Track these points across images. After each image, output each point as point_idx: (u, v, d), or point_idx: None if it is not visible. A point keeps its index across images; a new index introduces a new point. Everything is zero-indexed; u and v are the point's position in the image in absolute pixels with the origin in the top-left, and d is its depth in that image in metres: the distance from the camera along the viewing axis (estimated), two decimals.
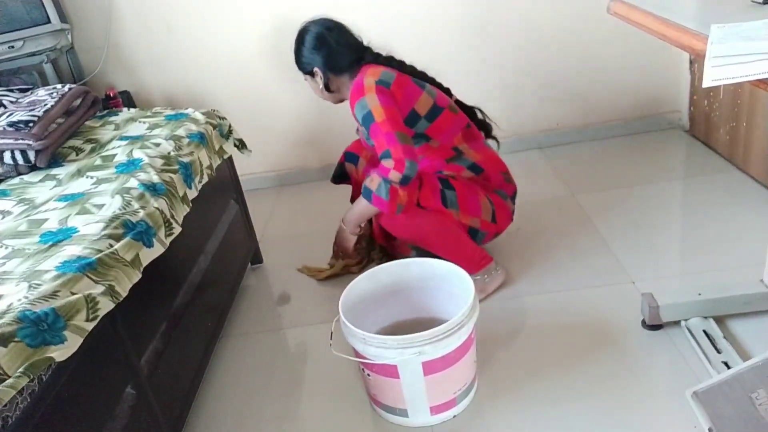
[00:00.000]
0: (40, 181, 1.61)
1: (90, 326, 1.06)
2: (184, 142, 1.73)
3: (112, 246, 1.21)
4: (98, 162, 1.64)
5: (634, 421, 1.38)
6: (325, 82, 1.85)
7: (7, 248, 1.24)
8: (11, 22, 2.44)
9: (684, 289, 1.69)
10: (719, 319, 1.59)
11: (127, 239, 1.25)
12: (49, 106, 1.75)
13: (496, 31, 2.66)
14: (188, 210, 1.56)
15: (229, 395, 1.67)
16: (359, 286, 1.58)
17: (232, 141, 2.02)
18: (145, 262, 1.28)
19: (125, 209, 1.34)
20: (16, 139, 1.62)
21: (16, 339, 0.92)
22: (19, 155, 1.64)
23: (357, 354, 1.42)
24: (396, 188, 1.67)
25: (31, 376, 0.92)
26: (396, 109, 1.72)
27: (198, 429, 1.57)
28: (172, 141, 1.71)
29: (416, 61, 1.90)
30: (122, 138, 1.78)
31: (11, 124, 1.65)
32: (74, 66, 2.64)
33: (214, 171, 1.80)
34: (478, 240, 1.86)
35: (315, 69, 1.84)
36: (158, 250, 1.34)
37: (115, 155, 1.65)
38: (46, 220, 1.34)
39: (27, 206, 1.45)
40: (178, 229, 1.46)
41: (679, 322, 1.60)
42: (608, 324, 1.68)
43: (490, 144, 1.97)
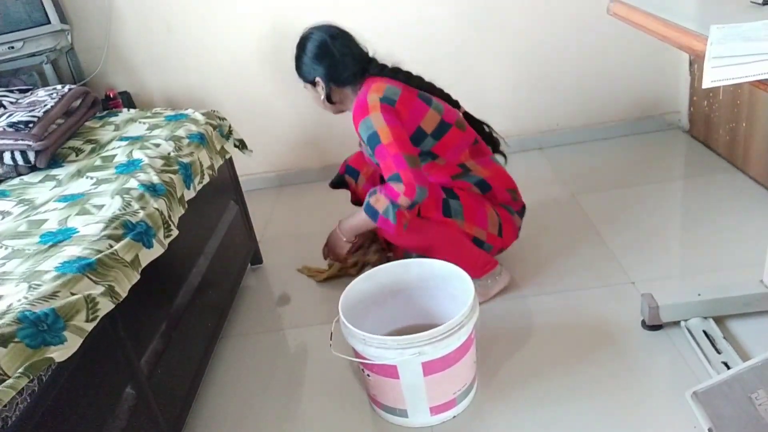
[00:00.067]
0: (40, 181, 1.61)
1: (90, 327, 1.06)
2: (184, 142, 1.73)
3: (111, 246, 1.21)
4: (98, 162, 1.64)
5: (634, 421, 1.38)
6: (327, 92, 1.79)
7: (6, 249, 1.24)
8: (11, 23, 2.44)
9: (684, 289, 1.69)
10: (719, 320, 1.59)
11: (126, 240, 1.25)
12: (49, 106, 1.75)
13: (496, 32, 2.66)
14: (183, 212, 1.55)
15: (229, 395, 1.67)
16: (359, 287, 1.58)
17: (232, 141, 2.02)
18: (145, 262, 1.28)
19: (125, 210, 1.34)
20: (16, 140, 1.62)
21: (16, 339, 0.92)
22: (18, 156, 1.64)
23: (357, 354, 1.42)
24: (403, 212, 1.64)
25: (31, 377, 0.92)
26: (402, 129, 1.67)
27: (198, 429, 1.57)
28: (172, 141, 1.71)
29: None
30: (122, 138, 1.78)
31: (11, 125, 1.65)
32: (74, 66, 2.64)
33: (215, 171, 1.81)
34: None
35: (317, 79, 1.77)
36: (157, 251, 1.34)
37: (115, 156, 1.65)
38: (45, 220, 1.34)
39: (27, 207, 1.45)
40: (175, 232, 1.45)
41: (678, 322, 1.60)
42: (608, 324, 1.68)
43: (498, 159, 1.91)
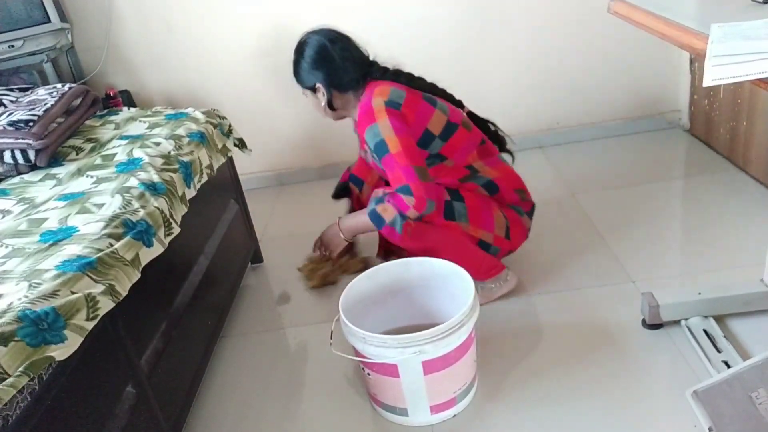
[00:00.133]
0: (40, 180, 1.61)
1: (90, 325, 1.06)
2: (184, 141, 1.73)
3: (112, 245, 1.21)
4: (98, 161, 1.64)
5: (634, 420, 1.38)
6: (329, 98, 1.76)
7: (7, 247, 1.24)
8: (11, 22, 2.44)
9: (684, 288, 1.69)
10: (719, 319, 1.59)
11: (127, 239, 1.25)
12: (49, 105, 1.75)
13: (496, 31, 2.66)
14: (185, 210, 1.55)
15: (229, 395, 1.67)
16: (359, 286, 1.58)
17: (232, 140, 2.02)
18: (145, 261, 1.28)
19: (125, 208, 1.34)
20: (16, 139, 1.62)
21: (16, 338, 0.92)
22: (19, 154, 1.64)
23: (357, 353, 1.42)
24: (410, 222, 1.64)
25: (31, 376, 0.92)
26: (411, 137, 1.65)
27: (198, 429, 1.57)
28: (172, 140, 1.71)
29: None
30: (122, 137, 1.78)
31: (11, 124, 1.65)
32: (74, 65, 2.64)
33: (214, 170, 1.80)
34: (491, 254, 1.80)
35: (317, 85, 1.74)
36: (158, 249, 1.34)
37: (115, 154, 1.65)
38: (46, 219, 1.34)
39: (27, 205, 1.45)
40: (177, 230, 1.45)
41: (679, 321, 1.60)
42: (608, 323, 1.68)
43: (505, 159, 1.89)
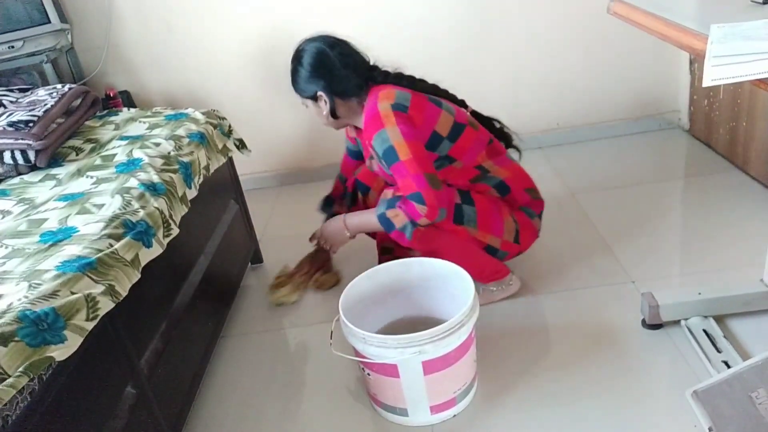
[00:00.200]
0: (40, 180, 1.61)
1: (90, 326, 1.06)
2: (184, 141, 1.73)
3: (112, 246, 1.21)
4: (98, 162, 1.64)
5: (634, 420, 1.38)
6: (332, 106, 1.70)
7: (7, 248, 1.24)
8: (11, 22, 2.44)
9: (684, 288, 1.69)
10: (719, 319, 1.59)
11: (127, 239, 1.25)
12: (49, 105, 1.75)
13: (496, 31, 2.66)
14: (186, 210, 1.55)
15: (229, 395, 1.67)
16: (359, 286, 1.58)
17: (232, 141, 2.02)
18: (144, 262, 1.28)
19: (125, 209, 1.34)
20: (16, 139, 1.62)
21: (16, 338, 0.92)
22: (19, 155, 1.64)
23: (357, 353, 1.42)
24: (420, 228, 1.63)
25: (31, 376, 0.92)
26: (420, 142, 1.62)
27: (198, 429, 1.57)
28: (172, 141, 1.71)
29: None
30: (122, 138, 1.78)
31: (11, 124, 1.65)
32: (74, 66, 2.64)
33: (210, 171, 1.79)
34: (497, 258, 1.79)
35: (319, 93, 1.69)
36: (156, 250, 1.34)
37: (115, 155, 1.65)
38: (46, 219, 1.34)
39: (27, 206, 1.45)
40: (176, 231, 1.45)
41: (679, 321, 1.60)
42: (608, 323, 1.68)
43: (513, 157, 1.86)
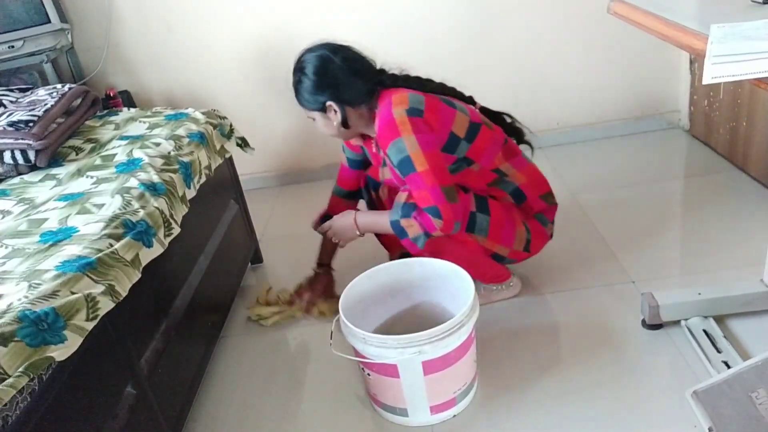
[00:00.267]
0: (40, 180, 1.61)
1: (90, 326, 1.06)
2: (184, 141, 1.73)
3: (112, 246, 1.21)
4: (98, 162, 1.64)
5: (634, 420, 1.38)
6: (343, 117, 1.62)
7: (7, 248, 1.24)
8: (11, 22, 2.44)
9: (684, 288, 1.69)
10: (719, 319, 1.59)
11: (127, 239, 1.25)
12: (49, 105, 1.75)
13: (496, 31, 2.66)
14: (186, 210, 1.55)
15: (229, 395, 1.67)
16: (359, 286, 1.58)
17: (234, 140, 2.02)
18: (145, 262, 1.28)
19: (125, 209, 1.34)
20: (16, 139, 1.62)
21: (16, 338, 0.92)
22: (19, 155, 1.64)
23: (357, 353, 1.42)
24: (432, 239, 1.61)
25: (31, 376, 0.92)
26: (437, 151, 1.57)
27: (198, 429, 1.57)
28: (172, 141, 1.71)
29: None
30: (122, 138, 1.78)
31: (11, 124, 1.65)
32: (74, 66, 2.64)
33: (212, 171, 1.80)
34: (503, 264, 1.79)
35: (328, 103, 1.59)
36: (157, 250, 1.34)
37: (115, 155, 1.65)
38: (46, 219, 1.34)
39: (27, 206, 1.45)
40: (177, 230, 1.45)
41: (679, 321, 1.60)
42: (608, 323, 1.68)
43: (527, 155, 1.81)
